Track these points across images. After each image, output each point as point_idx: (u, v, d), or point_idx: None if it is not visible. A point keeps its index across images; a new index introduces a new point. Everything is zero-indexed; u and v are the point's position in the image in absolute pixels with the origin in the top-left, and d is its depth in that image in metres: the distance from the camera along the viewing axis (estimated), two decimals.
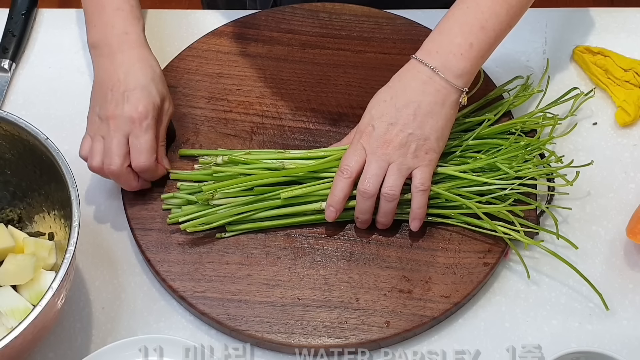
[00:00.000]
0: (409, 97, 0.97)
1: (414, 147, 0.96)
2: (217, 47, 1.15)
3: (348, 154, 0.98)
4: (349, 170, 0.97)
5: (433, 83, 0.97)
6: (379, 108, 0.98)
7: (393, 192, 0.96)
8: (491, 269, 0.99)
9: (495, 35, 0.98)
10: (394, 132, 0.96)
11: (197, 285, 0.97)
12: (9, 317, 0.91)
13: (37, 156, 0.95)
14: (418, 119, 0.96)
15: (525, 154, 1.00)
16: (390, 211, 0.98)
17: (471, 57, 0.97)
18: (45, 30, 1.21)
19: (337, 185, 0.97)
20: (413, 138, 0.96)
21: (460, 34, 0.97)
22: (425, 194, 0.97)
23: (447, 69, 0.97)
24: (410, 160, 0.97)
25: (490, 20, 0.97)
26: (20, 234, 0.98)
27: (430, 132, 0.97)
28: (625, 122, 1.11)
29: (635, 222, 1.01)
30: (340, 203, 0.97)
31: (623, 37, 1.19)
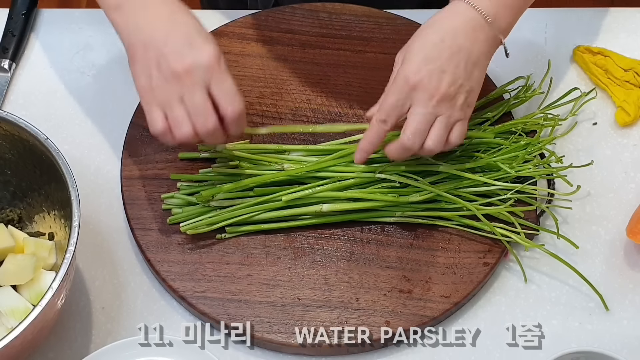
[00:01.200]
0: (460, 43, 0.92)
1: (462, 99, 0.92)
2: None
3: (390, 98, 0.92)
4: (390, 121, 0.92)
5: (483, 31, 0.92)
6: (429, 50, 0.92)
7: (437, 149, 0.93)
8: (491, 269, 0.99)
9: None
10: (446, 82, 0.91)
11: (197, 285, 0.97)
12: (9, 317, 0.91)
13: (37, 156, 0.95)
14: (468, 69, 0.92)
15: (525, 154, 1.00)
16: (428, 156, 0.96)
17: (515, 11, 0.94)
18: (45, 30, 1.21)
19: (373, 132, 0.93)
20: (462, 89, 0.92)
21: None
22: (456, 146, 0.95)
23: (497, 20, 0.93)
24: (457, 112, 0.93)
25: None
26: (20, 234, 0.98)
27: (475, 82, 0.94)
28: (625, 122, 1.11)
29: (636, 222, 1.01)
30: (373, 150, 0.94)
31: (623, 37, 1.19)
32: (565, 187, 1.03)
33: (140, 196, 1.03)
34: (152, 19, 0.90)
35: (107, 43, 1.19)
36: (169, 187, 1.04)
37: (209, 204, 0.99)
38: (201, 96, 0.88)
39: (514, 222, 0.98)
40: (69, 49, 1.19)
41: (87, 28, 1.20)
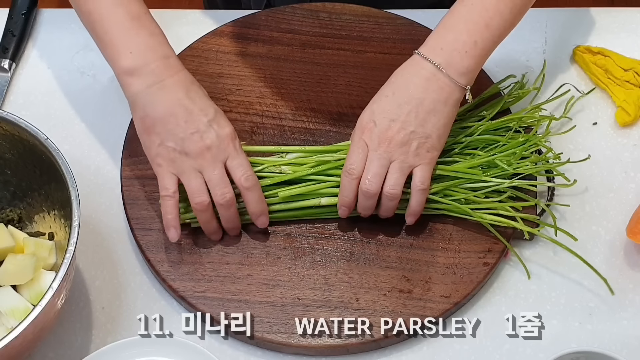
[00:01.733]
0: (411, 93, 0.96)
1: (415, 145, 0.96)
2: (217, 47, 1.15)
3: (351, 153, 0.98)
4: (355, 170, 0.96)
5: (436, 80, 0.96)
6: (380, 104, 0.98)
7: (395, 191, 0.96)
8: (491, 268, 0.99)
9: (499, 34, 0.98)
10: (396, 129, 0.96)
11: (197, 285, 0.97)
12: (9, 317, 0.91)
13: (37, 156, 0.95)
14: (420, 117, 0.96)
15: (523, 150, 1.00)
16: (391, 209, 0.98)
17: (475, 55, 0.97)
18: (45, 30, 1.21)
19: (345, 187, 0.97)
20: (415, 136, 0.96)
21: (465, 32, 0.97)
22: (425, 192, 0.97)
23: (451, 66, 0.96)
24: (412, 158, 0.96)
25: (494, 18, 0.97)
26: (20, 234, 0.98)
27: (432, 130, 0.96)
28: (625, 122, 1.11)
29: (635, 221, 1.01)
30: (352, 203, 0.97)
31: (623, 37, 1.19)
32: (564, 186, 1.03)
33: (140, 196, 1.03)
34: (171, 96, 0.95)
35: None
36: None
37: None
38: (220, 170, 0.96)
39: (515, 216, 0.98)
40: (69, 49, 1.19)
41: None
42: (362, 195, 0.97)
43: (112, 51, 0.97)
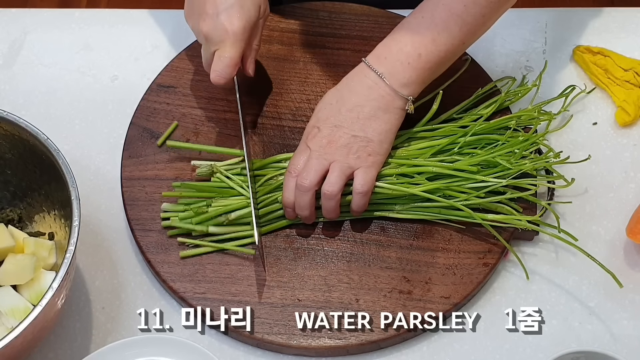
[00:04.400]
0: (354, 101, 0.98)
1: (356, 147, 0.97)
2: None
3: (294, 155, 1.00)
4: (296, 169, 0.98)
5: (378, 89, 0.98)
6: (324, 111, 1.00)
7: (332, 189, 0.97)
8: (491, 269, 0.99)
9: (446, 50, 0.98)
10: (338, 133, 0.98)
11: (198, 286, 0.97)
12: (9, 317, 0.91)
13: (37, 156, 0.95)
14: (361, 122, 0.98)
15: (523, 149, 1.00)
16: (332, 209, 0.98)
17: (418, 67, 0.98)
18: (45, 30, 1.21)
19: (286, 186, 0.98)
20: (356, 140, 0.97)
21: (411, 43, 0.98)
22: (365, 196, 0.98)
23: (392, 77, 0.98)
24: (353, 160, 0.97)
25: (442, 34, 0.97)
26: (20, 234, 0.98)
27: (373, 134, 0.98)
28: (625, 122, 1.11)
29: (635, 221, 1.01)
30: (293, 201, 0.98)
31: (623, 37, 1.19)
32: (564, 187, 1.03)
33: (140, 197, 1.03)
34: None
35: (107, 43, 1.19)
36: (169, 188, 1.04)
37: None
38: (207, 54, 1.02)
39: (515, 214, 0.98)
40: (69, 49, 1.19)
41: (87, 28, 1.20)
42: (297, 191, 0.97)
43: None
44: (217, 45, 1.00)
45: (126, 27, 1.21)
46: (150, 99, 1.11)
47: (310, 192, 0.97)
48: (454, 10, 0.96)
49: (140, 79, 1.15)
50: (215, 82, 1.01)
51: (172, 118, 1.09)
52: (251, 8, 1.00)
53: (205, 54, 1.02)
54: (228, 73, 1.00)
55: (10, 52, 1.18)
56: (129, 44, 1.19)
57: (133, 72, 1.16)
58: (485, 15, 0.97)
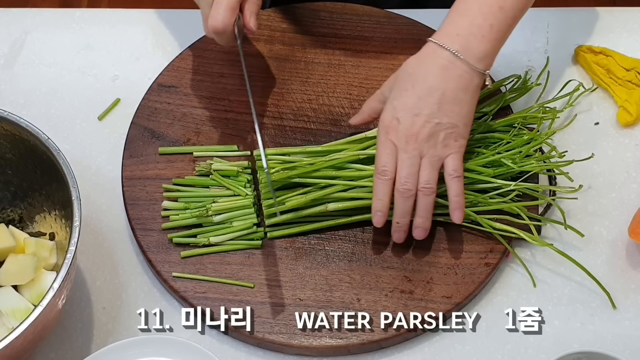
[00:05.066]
0: (430, 84, 0.95)
1: (442, 136, 0.94)
2: (218, 47, 1.15)
3: (380, 154, 0.95)
4: (387, 171, 0.94)
5: (455, 68, 0.95)
6: (400, 99, 0.96)
7: (430, 186, 0.94)
8: (493, 269, 0.99)
9: (513, 16, 0.96)
10: (420, 123, 0.94)
11: (198, 285, 0.97)
12: (10, 317, 0.91)
13: (38, 156, 0.95)
14: (443, 107, 0.94)
15: (528, 149, 1.00)
16: (429, 207, 0.95)
17: (492, 38, 0.95)
18: (46, 30, 1.21)
19: (379, 189, 0.95)
20: (441, 127, 0.94)
21: (480, 15, 0.95)
22: (460, 180, 0.95)
23: (468, 52, 0.95)
24: (441, 150, 0.95)
25: (508, 0, 0.96)
26: (21, 234, 0.97)
27: (457, 119, 0.95)
28: (627, 122, 1.11)
29: (638, 222, 1.00)
30: (387, 206, 0.95)
31: (625, 36, 1.19)
32: (566, 183, 1.03)
33: (141, 196, 1.03)
34: None
35: (108, 43, 1.19)
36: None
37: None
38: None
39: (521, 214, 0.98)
40: (69, 49, 1.19)
41: (88, 28, 1.20)
42: (399, 197, 0.94)
43: None
44: None
45: (127, 27, 1.21)
46: (151, 99, 1.11)
47: (414, 196, 0.94)
48: None
49: (141, 78, 1.15)
50: (213, 28, 0.95)
51: (173, 118, 1.09)
52: None
53: (203, 10, 0.98)
54: (226, 17, 0.95)
55: (11, 52, 1.18)
56: (129, 44, 1.19)
57: (134, 71, 1.16)
58: None
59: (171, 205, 1.02)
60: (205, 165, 1.03)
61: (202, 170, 1.03)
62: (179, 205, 1.01)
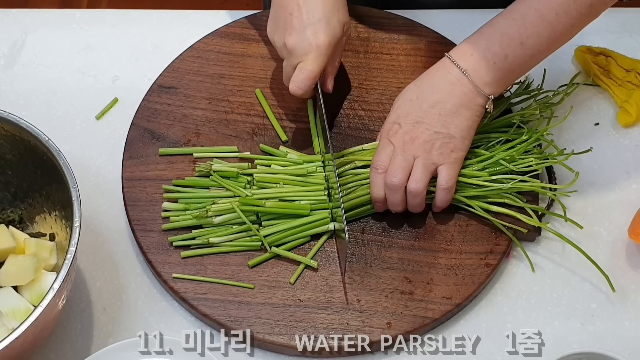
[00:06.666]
0: (435, 97, 0.99)
1: (439, 144, 0.98)
2: (218, 48, 1.15)
3: (378, 151, 1.00)
4: (382, 165, 0.99)
5: (461, 85, 0.98)
6: (404, 107, 1.00)
7: (417, 186, 0.97)
8: (493, 270, 0.99)
9: (531, 54, 0.98)
10: (420, 130, 0.98)
11: (199, 286, 0.97)
12: (10, 317, 0.91)
13: (38, 157, 0.95)
14: (443, 118, 0.98)
15: (526, 146, 1.00)
16: (417, 205, 0.99)
17: (503, 68, 0.98)
18: (46, 30, 1.20)
19: (373, 182, 0.99)
20: (438, 136, 0.98)
21: (499, 44, 0.98)
22: (449, 192, 0.98)
23: (476, 74, 0.98)
24: (436, 156, 0.98)
25: (531, 38, 0.97)
26: (21, 235, 0.97)
27: (455, 131, 0.98)
28: (627, 123, 1.11)
29: (638, 222, 1.00)
30: (382, 197, 0.99)
31: (625, 37, 1.19)
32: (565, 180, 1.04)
33: (141, 197, 1.03)
34: None
35: (108, 44, 1.19)
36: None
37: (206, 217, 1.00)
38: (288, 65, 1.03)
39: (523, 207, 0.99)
40: (69, 49, 1.19)
41: (88, 28, 1.20)
42: (387, 189, 0.98)
43: None
44: (301, 58, 1.00)
45: (127, 28, 1.21)
46: (151, 100, 1.11)
47: (402, 189, 0.98)
48: (546, 17, 0.96)
49: (141, 79, 1.15)
50: (293, 92, 1.02)
51: (173, 119, 1.09)
52: (337, 25, 1.01)
53: (286, 67, 1.03)
54: (307, 85, 1.01)
55: (11, 53, 1.18)
56: (129, 45, 1.19)
57: (134, 72, 1.16)
58: (574, 25, 0.98)
59: (171, 206, 1.02)
60: (205, 166, 1.03)
61: (202, 171, 1.03)
62: (179, 206, 1.01)
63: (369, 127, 1.08)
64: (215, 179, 1.02)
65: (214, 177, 1.02)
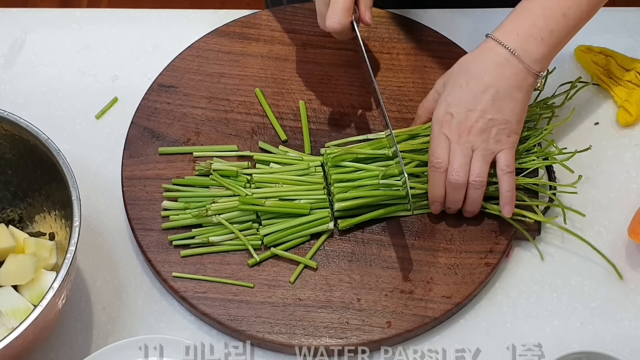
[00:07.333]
0: (486, 81, 0.97)
1: (495, 131, 0.96)
2: (218, 47, 1.15)
3: (434, 147, 0.98)
4: (441, 163, 0.97)
5: (510, 66, 0.96)
6: (455, 95, 0.98)
7: (480, 179, 0.96)
8: (493, 269, 0.99)
9: (574, 24, 0.98)
10: (474, 118, 0.96)
11: (198, 285, 0.97)
12: (10, 317, 0.91)
13: (37, 156, 0.95)
14: (497, 104, 0.96)
15: (527, 145, 1.00)
16: (478, 198, 0.98)
17: (551, 42, 0.97)
18: (46, 30, 1.20)
19: (433, 181, 0.98)
20: (494, 123, 0.96)
21: (543, 18, 0.96)
22: (511, 175, 0.97)
23: (525, 53, 0.96)
24: (493, 145, 0.97)
25: (572, 8, 0.97)
26: (21, 234, 0.97)
27: (510, 115, 0.97)
28: (627, 122, 1.11)
29: (637, 222, 1.00)
30: (443, 196, 0.98)
31: (625, 36, 1.19)
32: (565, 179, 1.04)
33: (141, 196, 1.03)
34: None
35: (108, 43, 1.19)
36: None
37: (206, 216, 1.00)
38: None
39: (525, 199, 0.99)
40: (69, 49, 1.19)
41: (88, 28, 1.20)
42: (450, 187, 0.97)
43: None
44: None
45: (127, 27, 1.21)
46: (151, 99, 1.11)
47: (465, 187, 0.97)
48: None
49: (141, 78, 1.15)
50: (332, 29, 0.98)
51: (173, 118, 1.09)
52: None
53: (320, 7, 0.99)
54: (343, 18, 0.97)
55: (11, 52, 1.18)
56: (129, 44, 1.19)
57: (134, 71, 1.16)
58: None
59: (171, 205, 1.02)
60: (205, 165, 1.03)
61: (202, 170, 1.03)
62: (178, 205, 1.01)
63: (370, 127, 1.08)
64: (215, 178, 1.02)
65: (214, 176, 1.02)
